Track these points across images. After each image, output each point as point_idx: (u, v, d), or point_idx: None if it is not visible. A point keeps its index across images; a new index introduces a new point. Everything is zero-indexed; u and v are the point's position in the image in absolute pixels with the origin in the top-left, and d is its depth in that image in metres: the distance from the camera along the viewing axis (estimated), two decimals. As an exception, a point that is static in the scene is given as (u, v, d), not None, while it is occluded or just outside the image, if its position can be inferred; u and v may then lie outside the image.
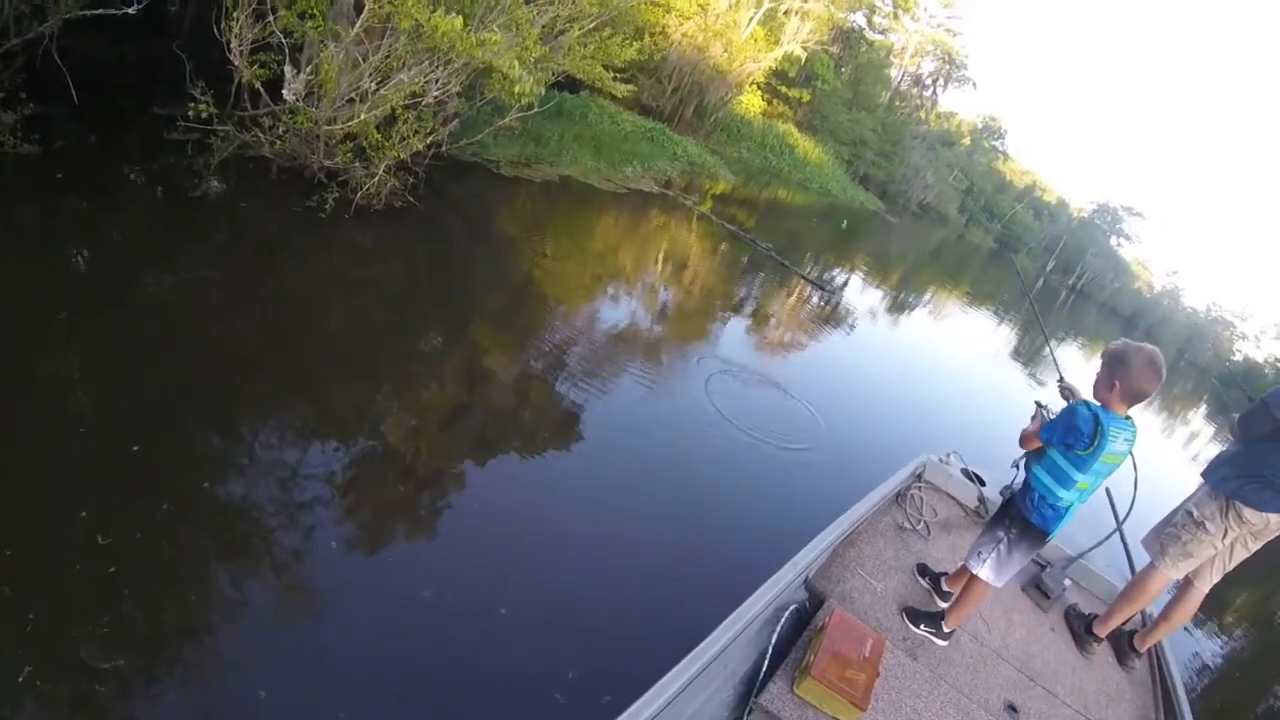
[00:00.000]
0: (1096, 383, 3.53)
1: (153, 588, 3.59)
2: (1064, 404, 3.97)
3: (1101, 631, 4.56)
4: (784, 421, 8.39)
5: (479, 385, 6.73)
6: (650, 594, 4.92)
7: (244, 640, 3.51)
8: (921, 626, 4.05)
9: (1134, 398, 3.44)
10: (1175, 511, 4.41)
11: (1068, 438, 3.46)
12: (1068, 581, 4.99)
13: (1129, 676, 4.51)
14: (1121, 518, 4.94)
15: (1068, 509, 3.62)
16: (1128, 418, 3.50)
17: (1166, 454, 18.56)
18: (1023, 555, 3.79)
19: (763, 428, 7.81)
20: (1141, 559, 4.59)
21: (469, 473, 5.43)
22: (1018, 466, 4.06)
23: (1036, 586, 4.92)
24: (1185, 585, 4.45)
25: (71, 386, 4.61)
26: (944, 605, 4.26)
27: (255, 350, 5.88)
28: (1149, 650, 4.66)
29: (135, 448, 4.25)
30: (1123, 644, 4.63)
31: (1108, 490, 4.85)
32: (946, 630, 4.01)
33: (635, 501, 5.89)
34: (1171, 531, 4.36)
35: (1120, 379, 3.40)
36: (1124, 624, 4.62)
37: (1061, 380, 4.36)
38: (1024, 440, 3.77)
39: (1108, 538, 5.06)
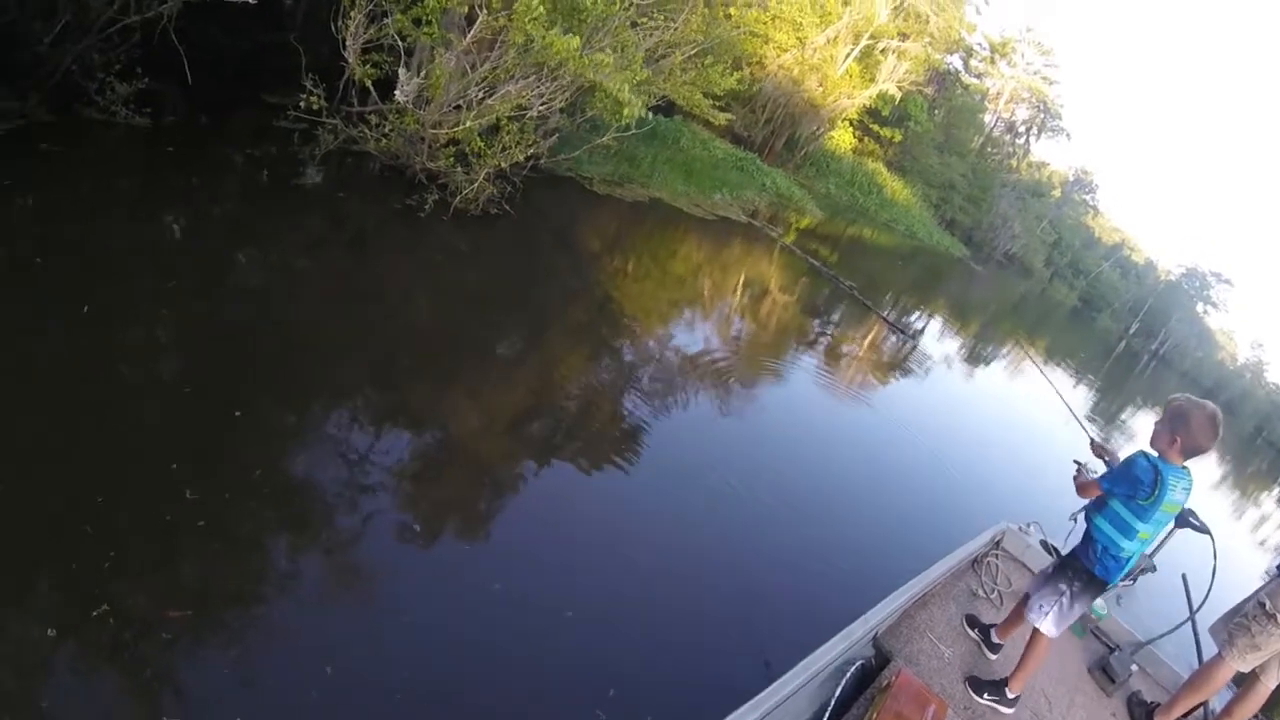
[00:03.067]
0: (1155, 435, 3.58)
1: (229, 548, 3.77)
2: (1098, 460, 4.10)
3: None
4: (859, 468, 8.29)
5: (552, 392, 6.81)
6: (711, 624, 4.92)
7: (315, 611, 3.69)
8: (985, 696, 3.98)
9: (1191, 453, 3.50)
10: (1246, 601, 4.22)
11: (1129, 489, 3.50)
12: (1134, 667, 4.83)
13: None
14: (1195, 606, 4.75)
15: (1129, 560, 3.67)
16: (1184, 468, 3.55)
17: (1240, 536, 17.76)
18: (1083, 607, 3.82)
19: (838, 472, 7.72)
20: (1210, 651, 4.39)
21: (540, 477, 5.50)
22: (1075, 519, 4.02)
23: (1103, 670, 4.77)
24: (1251, 680, 4.25)
25: (159, 352, 4.83)
26: (993, 656, 4.27)
27: (341, 336, 6.05)
28: None
29: (237, 413, 4.51)
30: None
31: (1184, 577, 4.78)
32: (1011, 696, 3.96)
33: (704, 529, 5.88)
34: (1241, 622, 4.17)
35: (1180, 434, 3.46)
36: (1186, 716, 4.43)
37: (1093, 442, 4.35)
38: (1082, 490, 3.83)
39: (1179, 626, 4.86)
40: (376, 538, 4.26)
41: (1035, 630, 3.89)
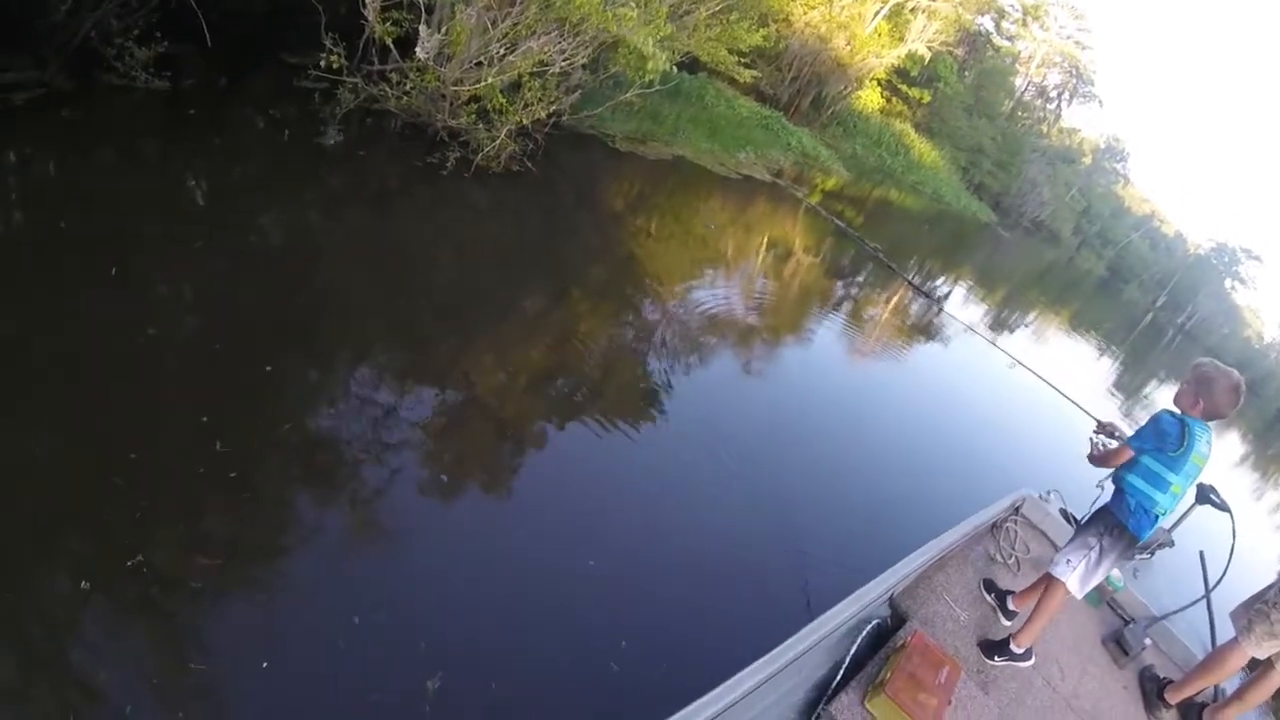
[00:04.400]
0: (1180, 395, 3.72)
1: (259, 499, 3.86)
2: (1109, 438, 4.28)
3: (1173, 699, 4.39)
4: (879, 431, 8.25)
5: (574, 349, 6.81)
6: (729, 579, 4.98)
7: (341, 561, 3.77)
8: (997, 659, 4.02)
9: (1211, 416, 3.64)
10: (1270, 588, 4.20)
11: (1158, 441, 3.61)
12: (1148, 641, 4.83)
13: None
14: (1211, 585, 4.74)
15: (1162, 515, 3.73)
16: (1205, 424, 3.66)
17: (1260, 517, 17.57)
18: (1110, 564, 3.87)
19: (858, 434, 7.70)
20: (1225, 630, 4.39)
21: (563, 431, 5.55)
22: (1102, 486, 4.08)
23: (1116, 641, 4.77)
24: (1266, 667, 4.24)
25: (188, 310, 4.87)
26: (1007, 623, 4.30)
27: (365, 293, 6.08)
28: None
29: (268, 368, 4.60)
30: (1191, 716, 4.43)
31: (1201, 554, 4.77)
32: (1019, 651, 3.99)
33: (724, 486, 5.90)
34: (1261, 609, 4.16)
35: (1205, 397, 3.60)
36: (1196, 695, 4.43)
37: (1099, 423, 4.49)
38: (1106, 459, 3.92)
39: (1195, 603, 4.85)
40: (401, 489, 4.34)
41: (1051, 584, 3.93)
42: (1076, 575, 3.85)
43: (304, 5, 7.61)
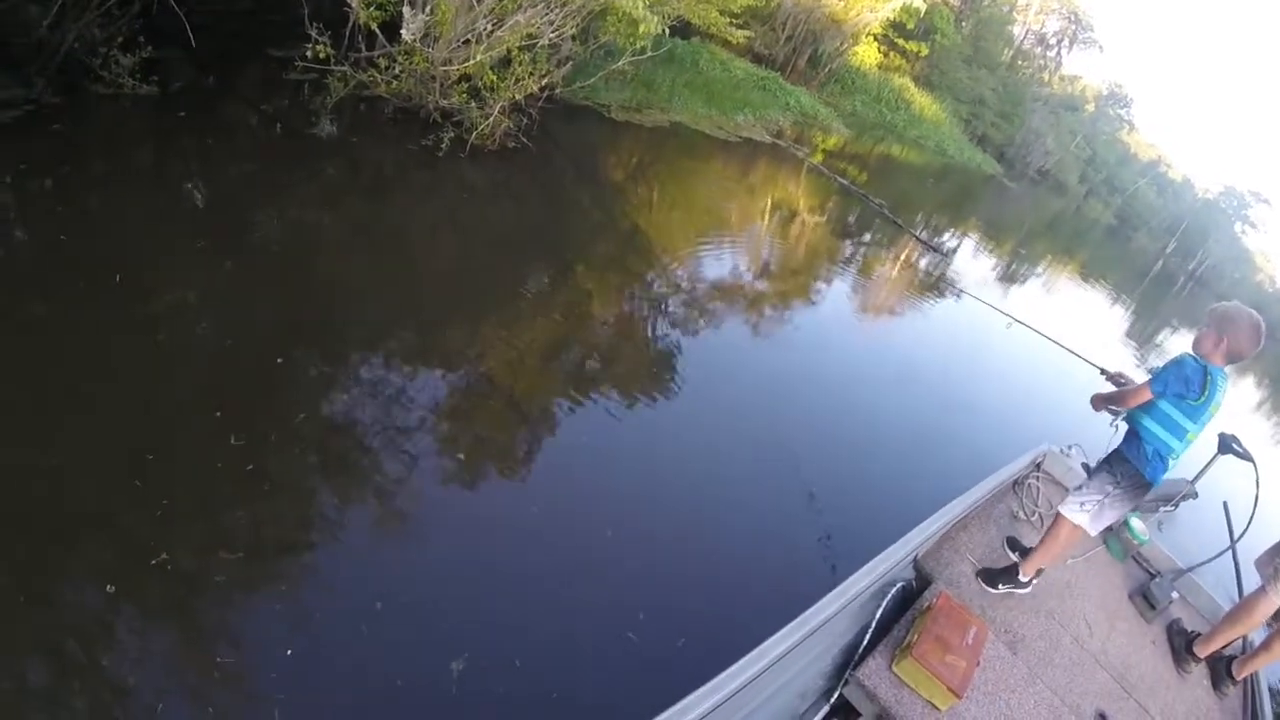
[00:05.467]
0: (1200, 337, 3.63)
1: (276, 489, 3.89)
2: (1118, 379, 4.27)
3: (1202, 652, 4.37)
4: (895, 391, 8.19)
5: (582, 325, 6.81)
6: (749, 548, 4.97)
7: (361, 545, 3.82)
8: (1000, 586, 4.04)
9: (1234, 357, 3.57)
10: None
11: (1180, 388, 3.52)
12: (1175, 594, 4.80)
13: (1221, 703, 4.31)
14: (1236, 535, 4.70)
15: (1176, 462, 3.71)
16: (1224, 371, 3.61)
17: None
18: (1123, 507, 3.87)
19: (874, 395, 7.65)
20: (1251, 581, 4.36)
21: (575, 407, 5.56)
22: (1116, 427, 4.03)
23: (1143, 596, 4.75)
24: None
25: (195, 310, 4.83)
26: (1036, 580, 4.25)
27: (369, 281, 6.07)
28: (1245, 679, 4.43)
29: (279, 360, 4.63)
30: (1220, 669, 4.41)
31: (1225, 505, 4.75)
32: (1024, 579, 4.04)
33: (740, 454, 5.91)
34: None
35: (1228, 336, 3.53)
36: (1225, 647, 4.40)
37: (1104, 371, 4.46)
38: (1124, 398, 3.83)
39: (1220, 554, 4.82)
40: (417, 472, 4.36)
41: (1059, 518, 3.95)
42: (1089, 516, 3.86)
43: (288, -1, 7.53)
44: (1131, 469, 3.75)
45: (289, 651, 3.19)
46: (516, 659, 3.57)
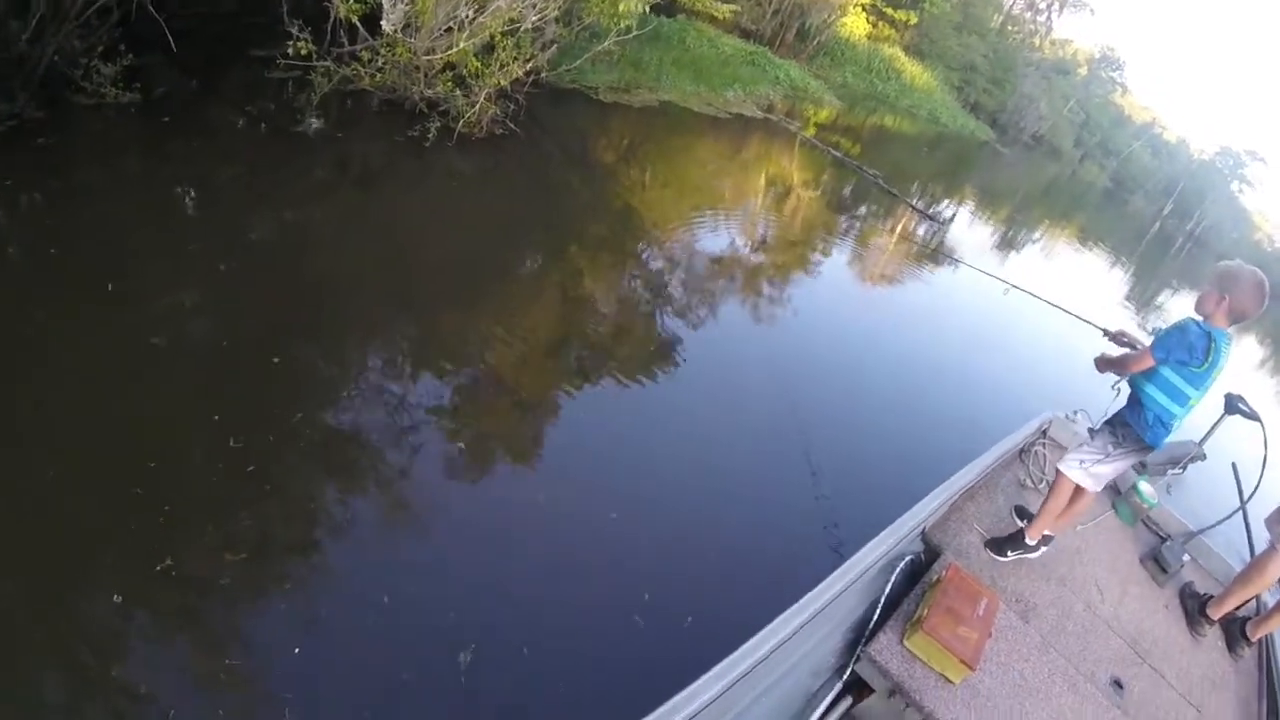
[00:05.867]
0: (1203, 297, 3.57)
1: (277, 489, 3.88)
2: (1120, 337, 4.22)
3: (1215, 614, 4.33)
4: (897, 364, 8.15)
5: (580, 309, 6.78)
6: (755, 526, 4.96)
7: (365, 540, 3.81)
8: (1009, 554, 4.03)
9: (1237, 317, 3.51)
10: None
11: (1184, 354, 3.47)
12: (1186, 558, 4.77)
13: (1236, 665, 4.29)
14: (1246, 496, 4.67)
15: (1177, 427, 3.69)
16: (1228, 333, 3.55)
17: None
18: (1124, 464, 3.88)
19: (876, 369, 7.61)
20: (1263, 541, 4.32)
21: (576, 392, 5.55)
22: (1117, 389, 4.00)
23: (1154, 560, 4.71)
24: None
25: (190, 313, 4.83)
26: (1044, 548, 4.23)
27: (363, 275, 6.04)
28: (1260, 640, 4.40)
29: (275, 359, 4.61)
30: (1234, 630, 4.39)
31: (1234, 465, 4.72)
32: (1032, 543, 4.02)
33: (742, 432, 5.89)
34: None
35: (1230, 294, 3.45)
36: (1238, 609, 4.37)
37: (1106, 331, 4.39)
38: (1126, 364, 3.78)
39: (1230, 515, 4.79)
40: (418, 465, 4.35)
41: (1060, 477, 3.95)
42: (1089, 476, 3.87)
43: (266, -2, 7.43)
44: (1133, 433, 3.74)
45: (296, 650, 3.20)
46: (524, 647, 3.56)
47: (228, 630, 3.18)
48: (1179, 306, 22.16)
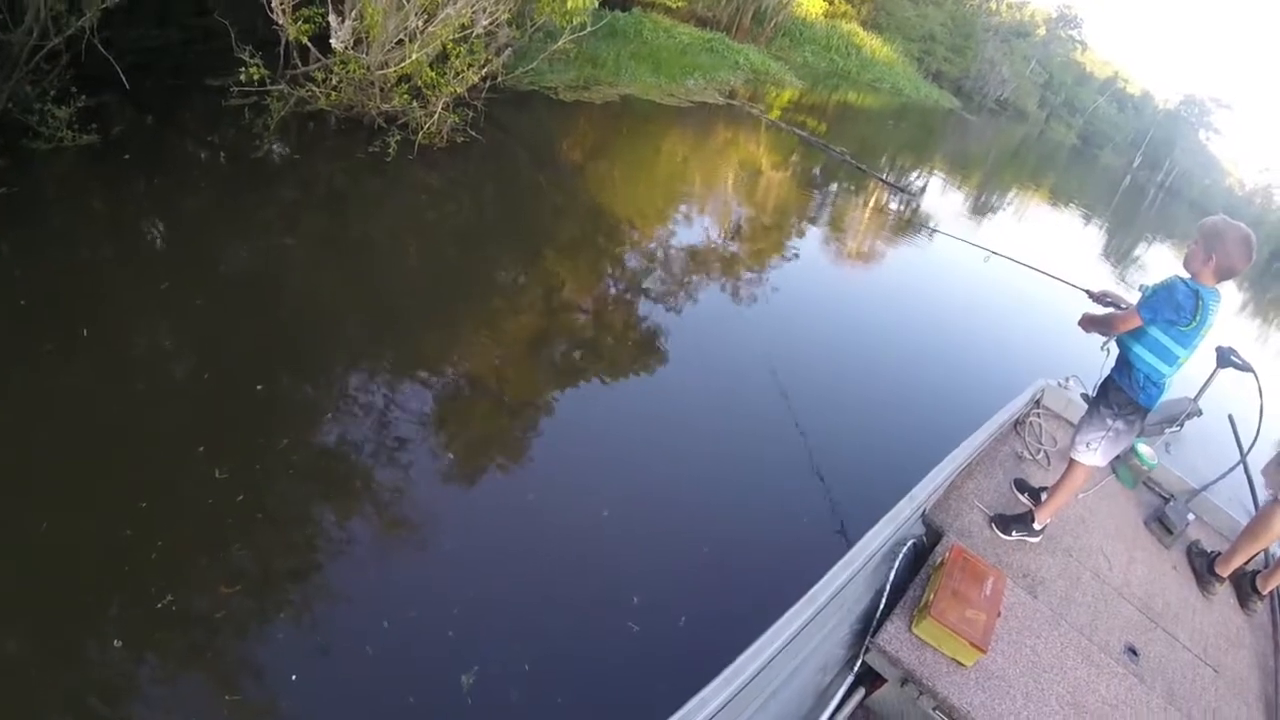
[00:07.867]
0: (1190, 255, 3.52)
1: (269, 517, 3.83)
2: (1103, 298, 4.15)
3: (1223, 571, 4.31)
4: (881, 344, 8.11)
5: (560, 311, 6.70)
6: (750, 520, 4.90)
7: (361, 561, 3.77)
8: (1014, 533, 3.98)
9: (1225, 274, 3.47)
10: None
11: (1172, 314, 3.45)
12: (1191, 516, 4.72)
13: (1250, 620, 4.26)
14: (1246, 448, 4.62)
15: (1168, 385, 3.67)
16: (1216, 290, 3.51)
17: (1277, 367, 17.49)
18: (1128, 436, 3.82)
19: (860, 351, 7.56)
20: (1265, 492, 4.29)
21: (563, 394, 5.51)
22: (1107, 350, 3.96)
23: (1159, 521, 4.66)
24: None
25: (168, 351, 4.80)
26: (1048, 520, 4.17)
27: (338, 296, 5.96)
28: (1271, 592, 4.37)
29: (258, 387, 4.58)
30: (1245, 585, 4.36)
31: (1230, 418, 4.69)
32: (1038, 527, 3.98)
33: (732, 424, 5.80)
34: None
35: (1217, 252, 3.41)
36: (1247, 563, 4.34)
37: (1090, 292, 4.31)
38: (1112, 323, 3.76)
39: (1231, 469, 4.75)
40: (408, 482, 4.30)
41: (1073, 464, 3.89)
42: (1100, 454, 3.82)
43: (217, 27, 7.32)
44: (1125, 397, 3.71)
45: (294, 678, 3.16)
46: (525, 663, 3.51)
47: (229, 664, 3.14)
48: (1156, 257, 22.29)
